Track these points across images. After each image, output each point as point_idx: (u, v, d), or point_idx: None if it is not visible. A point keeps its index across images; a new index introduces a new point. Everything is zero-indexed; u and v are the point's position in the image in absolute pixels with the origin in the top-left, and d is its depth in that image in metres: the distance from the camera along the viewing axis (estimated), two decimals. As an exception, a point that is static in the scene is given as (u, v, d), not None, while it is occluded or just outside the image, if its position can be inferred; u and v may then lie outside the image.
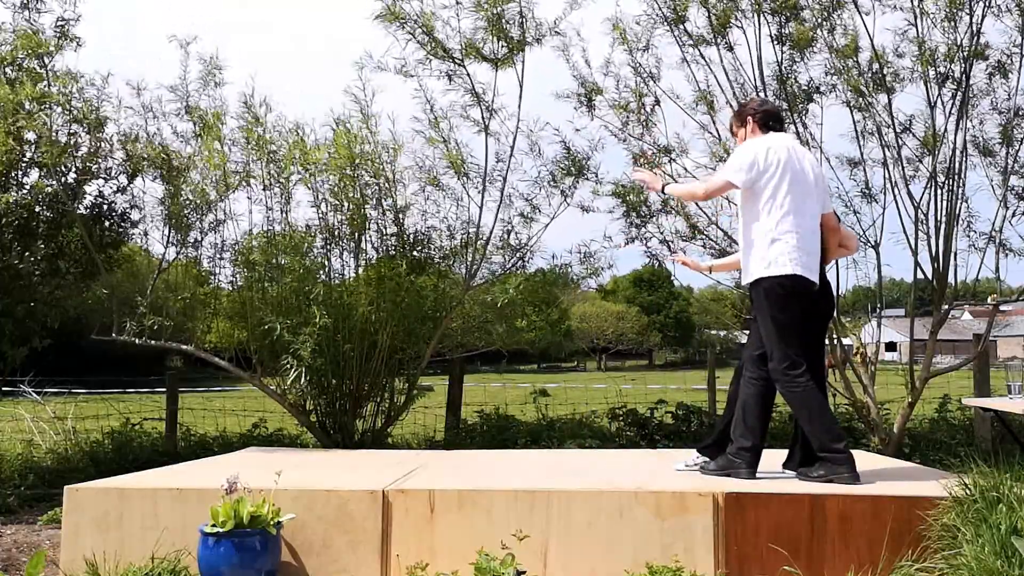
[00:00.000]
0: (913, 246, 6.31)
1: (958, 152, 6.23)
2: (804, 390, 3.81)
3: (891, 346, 50.29)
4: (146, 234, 6.60)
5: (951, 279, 6.32)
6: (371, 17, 5.93)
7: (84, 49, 6.31)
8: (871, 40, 6.21)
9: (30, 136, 6.06)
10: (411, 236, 6.37)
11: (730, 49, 6.44)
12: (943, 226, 6.22)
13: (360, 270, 6.27)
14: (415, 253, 6.35)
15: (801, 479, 3.80)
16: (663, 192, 4.32)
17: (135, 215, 6.88)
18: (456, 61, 6.09)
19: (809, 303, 3.90)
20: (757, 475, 3.86)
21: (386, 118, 7.02)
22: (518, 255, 6.52)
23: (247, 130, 6.05)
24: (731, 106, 6.41)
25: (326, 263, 6.21)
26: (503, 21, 5.97)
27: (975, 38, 6.09)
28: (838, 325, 6.40)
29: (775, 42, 6.34)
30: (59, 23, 6.18)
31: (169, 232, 6.17)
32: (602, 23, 6.68)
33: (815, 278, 3.90)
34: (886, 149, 6.36)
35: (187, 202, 6.04)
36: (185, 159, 6.12)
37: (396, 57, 6.02)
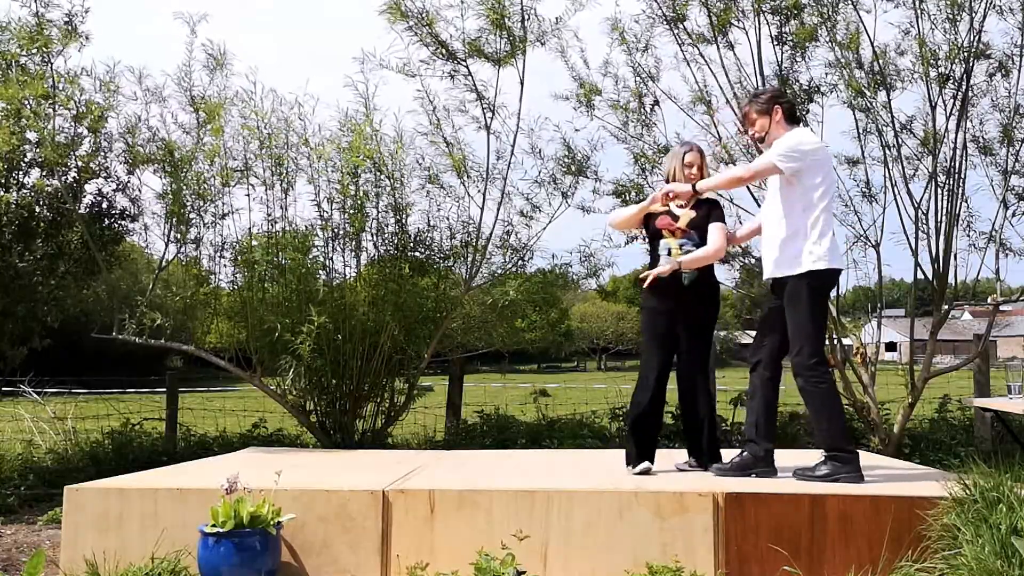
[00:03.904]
0: (913, 246, 6.31)
1: (958, 152, 6.23)
2: (829, 386, 3.84)
3: (891, 346, 50.24)
4: (146, 227, 6.50)
5: (951, 279, 6.32)
6: (377, 11, 5.93)
7: (88, 48, 6.25)
8: (871, 40, 6.22)
9: (31, 136, 6.04)
10: (412, 236, 6.37)
11: (730, 48, 6.44)
12: (943, 226, 6.22)
13: (361, 270, 6.26)
14: (416, 253, 6.35)
15: (801, 479, 3.80)
16: (696, 191, 4.04)
17: (135, 210, 6.84)
18: (458, 60, 6.09)
19: None
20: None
21: (389, 115, 7.02)
22: (518, 255, 6.52)
23: (248, 125, 6.01)
24: (731, 106, 6.41)
25: (327, 263, 6.20)
26: (506, 19, 5.96)
27: (976, 37, 6.09)
28: (838, 325, 6.40)
29: (775, 42, 6.34)
30: (66, 18, 6.13)
31: (169, 229, 6.13)
32: (601, 23, 6.69)
33: None
34: (886, 148, 6.36)
35: (191, 184, 5.92)
36: (188, 149, 6.03)
37: (399, 57, 6.02)
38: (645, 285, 4.11)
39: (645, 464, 4.04)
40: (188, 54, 6.03)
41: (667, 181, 4.22)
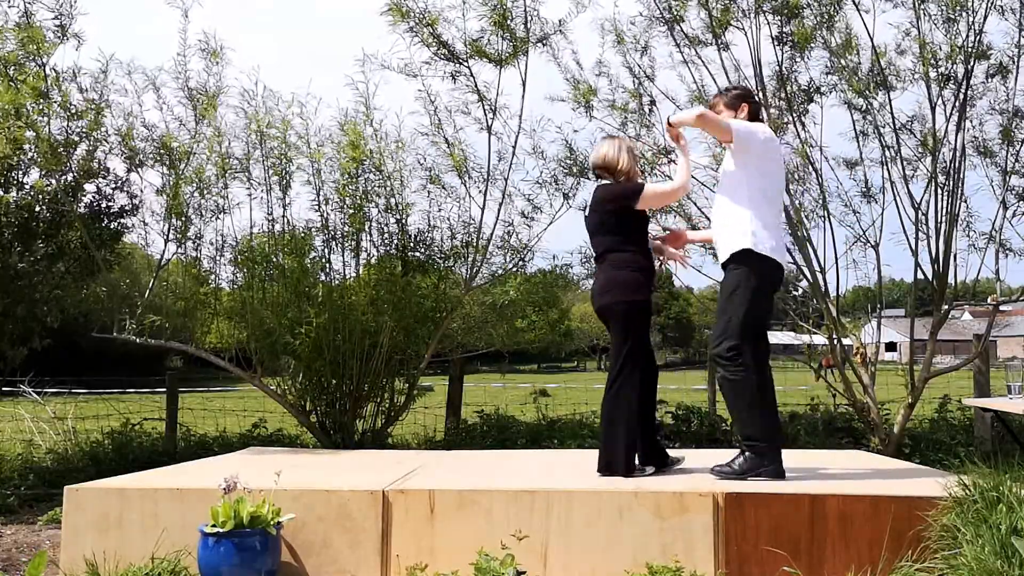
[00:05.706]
0: (913, 246, 6.32)
1: (958, 152, 6.23)
2: (747, 377, 3.80)
3: (891, 346, 50.32)
4: (145, 224, 6.44)
5: (951, 279, 6.32)
6: (378, 11, 5.92)
7: (86, 48, 6.22)
8: (871, 40, 6.21)
9: (29, 135, 6.03)
10: (412, 236, 6.37)
11: (727, 48, 6.43)
12: (943, 226, 6.22)
13: (360, 270, 6.26)
14: (417, 253, 6.35)
15: (720, 477, 3.77)
16: (669, 122, 4.05)
17: (132, 205, 6.81)
18: (460, 60, 6.09)
19: None
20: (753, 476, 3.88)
21: (389, 114, 7.00)
22: (519, 255, 6.52)
23: (250, 124, 5.99)
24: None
25: (326, 263, 6.20)
26: (508, 20, 5.96)
27: (977, 38, 6.09)
28: (838, 325, 6.40)
29: (775, 42, 6.34)
30: (57, 19, 6.09)
31: (168, 227, 6.11)
32: (599, 24, 6.69)
33: None
34: (886, 149, 6.36)
35: (189, 178, 5.91)
36: (185, 142, 6.00)
37: (401, 57, 6.02)
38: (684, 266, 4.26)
39: (651, 467, 4.04)
40: (183, 43, 5.98)
41: (618, 170, 4.13)
